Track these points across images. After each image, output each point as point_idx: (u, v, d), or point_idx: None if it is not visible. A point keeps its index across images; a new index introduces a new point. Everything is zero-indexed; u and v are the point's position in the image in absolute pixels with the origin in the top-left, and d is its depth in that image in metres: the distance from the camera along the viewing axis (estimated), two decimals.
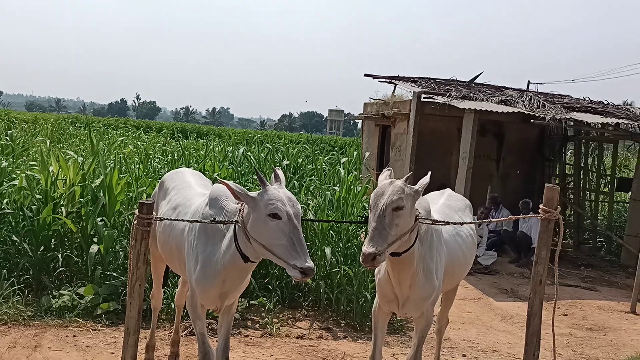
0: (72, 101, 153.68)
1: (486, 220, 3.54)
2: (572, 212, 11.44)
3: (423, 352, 4.83)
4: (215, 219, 3.03)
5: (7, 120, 15.55)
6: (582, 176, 11.28)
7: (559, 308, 6.78)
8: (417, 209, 3.07)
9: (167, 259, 3.72)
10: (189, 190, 3.64)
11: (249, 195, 2.82)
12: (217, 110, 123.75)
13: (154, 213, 2.98)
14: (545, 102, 9.72)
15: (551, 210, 3.01)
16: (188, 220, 3.15)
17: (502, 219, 3.42)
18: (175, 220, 3.25)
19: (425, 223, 3.12)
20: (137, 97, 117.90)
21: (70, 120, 25.67)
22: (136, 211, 2.95)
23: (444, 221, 3.21)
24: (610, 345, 5.71)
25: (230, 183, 2.86)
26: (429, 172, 3.13)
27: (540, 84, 12.97)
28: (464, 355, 5.06)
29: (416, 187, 3.01)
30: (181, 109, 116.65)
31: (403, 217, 2.89)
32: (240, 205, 2.94)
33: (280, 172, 3.05)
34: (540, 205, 3.09)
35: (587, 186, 11.32)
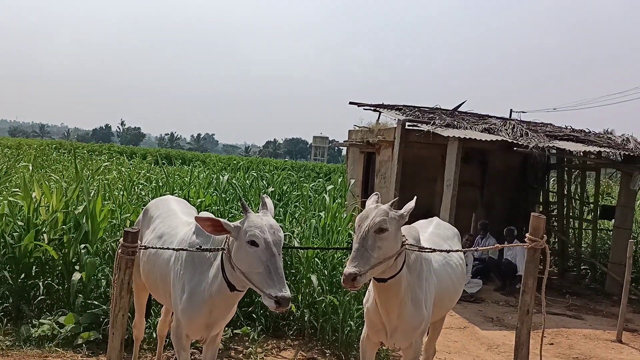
0: (56, 127, 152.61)
1: (473, 249, 3.54)
2: (557, 240, 11.53)
3: None
4: (200, 247, 3.00)
5: None
6: (565, 204, 11.41)
7: (545, 337, 6.77)
8: (404, 236, 3.08)
9: (151, 288, 3.66)
10: (174, 219, 3.61)
11: (233, 225, 2.81)
12: (201, 136, 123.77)
13: (138, 242, 2.94)
14: (528, 131, 9.88)
15: (537, 239, 3.02)
16: (174, 249, 3.11)
17: (488, 247, 3.43)
18: (161, 248, 3.21)
19: (412, 250, 3.12)
20: (122, 123, 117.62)
21: (54, 145, 25.43)
22: (121, 239, 2.91)
23: (430, 248, 3.21)
24: None
25: (212, 217, 2.84)
26: (415, 197, 3.15)
27: (523, 112, 13.27)
28: None
29: (401, 211, 3.03)
30: (166, 134, 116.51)
31: (387, 240, 2.89)
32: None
33: (268, 200, 3.04)
34: (527, 235, 3.10)
35: (571, 214, 11.45)
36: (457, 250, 3.57)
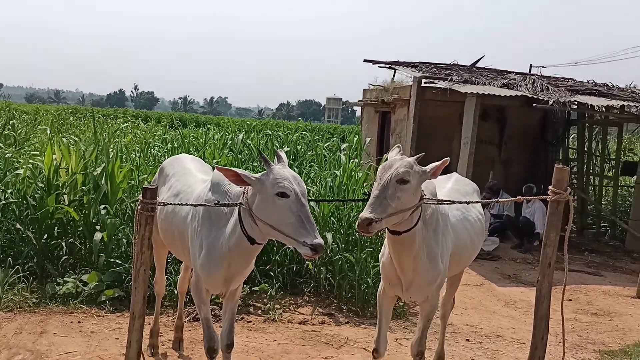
0: (71, 92, 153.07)
1: (493, 200, 3.49)
2: (576, 197, 11.39)
3: (427, 336, 4.85)
4: (218, 202, 3.00)
5: (8, 111, 15.46)
6: (585, 161, 11.22)
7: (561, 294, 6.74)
8: (422, 191, 3.05)
9: (170, 246, 3.70)
10: (189, 177, 3.62)
11: (253, 177, 2.80)
12: (215, 99, 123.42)
13: (157, 198, 2.95)
14: (548, 85, 9.65)
15: (561, 191, 2.96)
16: (192, 205, 3.12)
17: (509, 199, 3.36)
18: (179, 204, 3.22)
19: (430, 203, 3.09)
20: (135, 88, 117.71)
21: (70, 111, 25.58)
22: (140, 196, 2.92)
23: (449, 200, 3.18)
24: (616, 330, 5.69)
25: (233, 168, 2.84)
26: (446, 159, 3.08)
27: (543, 67, 12.86)
28: (467, 340, 5.05)
29: (425, 168, 3.00)
30: (179, 99, 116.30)
31: (407, 192, 2.88)
32: (243, 187, 2.91)
33: (282, 153, 3.03)
34: (550, 187, 3.05)
35: (591, 171, 11.26)
36: (475, 202, 3.50)
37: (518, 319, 5.82)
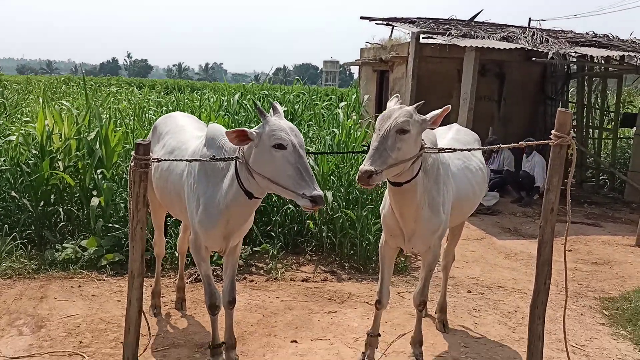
0: (63, 63, 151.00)
1: (495, 146, 3.40)
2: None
3: (429, 289, 4.86)
4: (214, 156, 2.93)
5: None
6: (585, 114, 11.11)
7: (562, 244, 6.75)
8: (423, 140, 2.98)
9: (167, 205, 3.65)
10: (184, 134, 3.54)
11: (254, 132, 2.72)
12: (210, 66, 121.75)
13: (150, 154, 2.88)
14: (548, 37, 9.45)
15: (563, 135, 2.89)
16: (187, 160, 3.05)
17: (511, 145, 3.27)
18: (173, 160, 3.16)
19: (430, 152, 3.02)
20: (129, 56, 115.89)
21: (63, 80, 25.21)
22: (133, 153, 2.85)
23: (449, 148, 3.11)
24: (616, 277, 5.72)
25: (238, 129, 2.75)
26: (447, 107, 2.99)
27: (542, 20, 12.65)
28: (469, 292, 5.06)
29: (425, 116, 2.91)
30: (174, 65, 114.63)
31: (407, 142, 2.80)
32: None
33: (278, 105, 2.94)
34: (552, 131, 2.97)
35: (590, 124, 11.17)
36: (476, 149, 3.42)
37: (519, 270, 5.84)
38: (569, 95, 11.97)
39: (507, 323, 4.37)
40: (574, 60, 9.26)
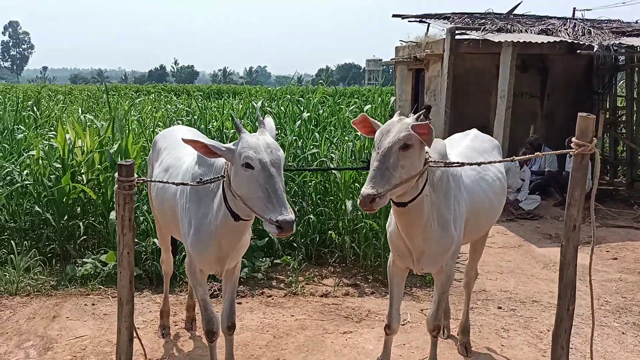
0: (114, 71, 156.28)
1: (508, 159, 3.07)
2: (625, 148, 10.63)
3: (454, 305, 4.55)
4: (201, 179, 2.76)
5: (38, 93, 15.73)
6: (635, 108, 10.39)
7: (607, 251, 6.29)
8: (427, 152, 2.71)
9: (165, 224, 3.52)
10: (180, 150, 3.38)
11: (223, 147, 2.54)
12: (254, 69, 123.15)
13: (135, 175, 2.73)
14: (591, 29, 8.86)
15: (585, 143, 2.57)
16: (174, 183, 2.91)
17: (527, 156, 2.97)
18: (158, 182, 3.02)
19: (436, 167, 2.75)
20: (176, 63, 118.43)
21: (106, 88, 25.91)
22: (116, 174, 2.72)
23: (458, 162, 2.82)
24: None
25: (202, 138, 2.58)
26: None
27: (587, 10, 11.91)
28: (499, 308, 4.71)
29: None
30: (219, 70, 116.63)
31: (410, 158, 2.54)
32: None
33: (268, 119, 2.74)
34: (573, 139, 2.65)
35: None
36: (488, 163, 3.11)
37: (557, 281, 5.41)
38: (618, 89, 11.23)
39: (538, 345, 4.01)
40: (622, 51, 8.64)
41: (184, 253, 4.88)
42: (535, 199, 8.37)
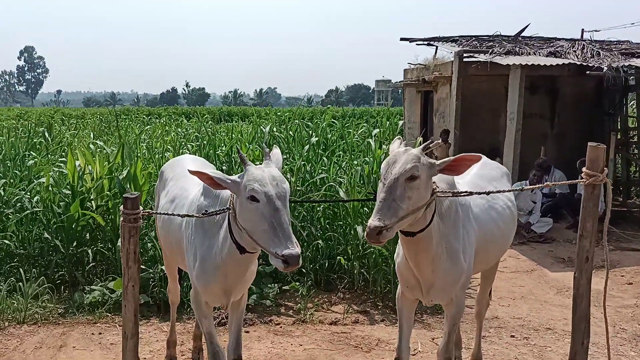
0: (126, 94, 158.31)
1: (517, 189, 3.03)
2: (637, 168, 10.51)
3: (465, 334, 4.46)
4: (207, 211, 2.74)
5: (50, 117, 15.95)
6: None
7: (622, 276, 6.16)
8: (434, 182, 2.68)
9: (171, 254, 3.49)
10: (186, 180, 3.37)
11: (229, 180, 2.52)
12: (264, 91, 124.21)
13: (140, 207, 2.72)
14: (600, 50, 8.84)
15: (596, 173, 2.53)
16: (179, 215, 2.90)
17: (536, 186, 2.94)
18: (163, 214, 3.00)
19: (444, 196, 2.71)
20: (187, 85, 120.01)
21: (116, 113, 26.26)
22: (121, 207, 2.71)
23: (466, 191, 2.78)
24: None
25: (209, 171, 2.56)
26: (477, 156, 2.65)
27: (596, 31, 11.89)
28: (512, 336, 4.61)
29: (435, 161, 2.61)
30: (229, 92, 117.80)
31: (417, 189, 2.51)
32: None
33: (275, 150, 2.73)
34: (583, 169, 2.61)
35: None
36: (497, 192, 3.05)
37: (571, 308, 5.30)
38: (629, 109, 11.15)
39: None
40: (632, 72, 8.60)
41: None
42: (548, 222, 8.26)
